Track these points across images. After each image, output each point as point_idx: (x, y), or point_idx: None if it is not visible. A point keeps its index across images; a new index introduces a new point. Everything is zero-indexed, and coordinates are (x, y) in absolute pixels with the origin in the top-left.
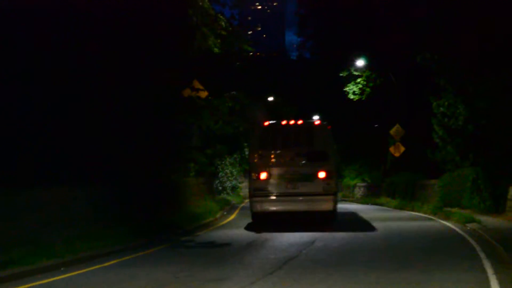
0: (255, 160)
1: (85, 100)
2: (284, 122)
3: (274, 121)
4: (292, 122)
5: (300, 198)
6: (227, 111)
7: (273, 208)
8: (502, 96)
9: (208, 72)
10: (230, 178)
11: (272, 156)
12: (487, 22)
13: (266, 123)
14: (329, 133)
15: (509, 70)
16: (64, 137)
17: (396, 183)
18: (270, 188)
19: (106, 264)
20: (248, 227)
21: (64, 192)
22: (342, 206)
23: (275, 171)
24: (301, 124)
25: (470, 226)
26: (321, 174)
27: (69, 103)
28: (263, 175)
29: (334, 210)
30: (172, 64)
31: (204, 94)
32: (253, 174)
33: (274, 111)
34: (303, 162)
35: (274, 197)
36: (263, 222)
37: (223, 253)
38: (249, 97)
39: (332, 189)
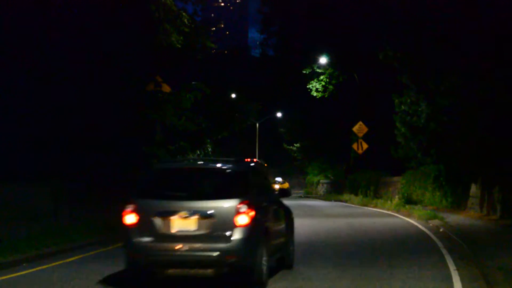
0: None
1: (46, 95)
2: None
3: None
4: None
5: None
6: (189, 106)
7: None
8: (464, 93)
9: (170, 67)
10: None
11: None
12: (448, 20)
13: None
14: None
15: (471, 67)
16: (26, 134)
17: (359, 180)
18: None
19: (68, 260)
20: None
21: (26, 188)
22: (305, 203)
23: None
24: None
25: (432, 222)
26: None
27: (30, 98)
28: None
29: None
30: (135, 59)
31: (167, 88)
32: None
33: (238, 109)
34: None
35: None
36: None
37: None
38: (211, 90)
39: None
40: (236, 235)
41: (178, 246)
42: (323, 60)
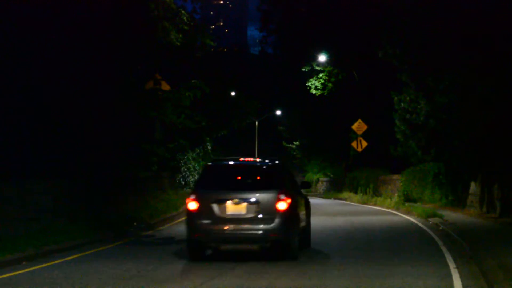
0: None
1: (46, 93)
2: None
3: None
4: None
5: None
6: (188, 103)
7: None
8: (463, 91)
9: (170, 65)
10: (193, 173)
11: None
12: (449, 18)
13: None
14: None
15: (470, 65)
16: (25, 132)
17: (359, 178)
18: None
19: (67, 258)
20: None
21: (25, 186)
22: None
23: None
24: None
25: (432, 220)
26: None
27: (29, 97)
28: None
29: None
30: (134, 57)
31: (166, 86)
32: None
33: (237, 107)
34: None
35: None
36: None
37: (184, 248)
38: (210, 88)
39: None
40: (277, 218)
41: (231, 226)
42: (322, 58)
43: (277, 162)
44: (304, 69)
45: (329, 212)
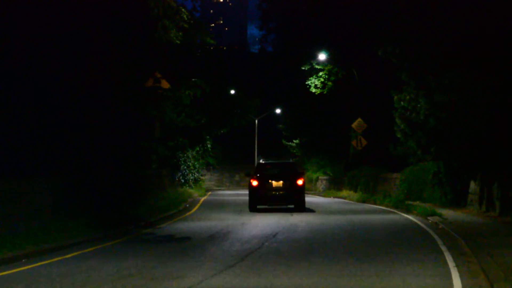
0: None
1: (45, 91)
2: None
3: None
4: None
5: None
6: (189, 102)
7: None
8: (463, 90)
9: (170, 63)
10: (192, 171)
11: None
12: (449, 17)
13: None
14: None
15: (470, 64)
16: (24, 130)
17: (358, 177)
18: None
19: (67, 256)
20: (211, 219)
21: (25, 184)
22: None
23: None
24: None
25: (431, 219)
26: None
27: (28, 95)
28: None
29: None
30: (134, 55)
31: (166, 85)
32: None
33: (237, 105)
34: None
35: None
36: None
37: (185, 245)
38: (210, 87)
39: None
40: (297, 189)
41: (274, 193)
42: (322, 56)
43: (293, 161)
44: (304, 68)
45: (329, 211)
